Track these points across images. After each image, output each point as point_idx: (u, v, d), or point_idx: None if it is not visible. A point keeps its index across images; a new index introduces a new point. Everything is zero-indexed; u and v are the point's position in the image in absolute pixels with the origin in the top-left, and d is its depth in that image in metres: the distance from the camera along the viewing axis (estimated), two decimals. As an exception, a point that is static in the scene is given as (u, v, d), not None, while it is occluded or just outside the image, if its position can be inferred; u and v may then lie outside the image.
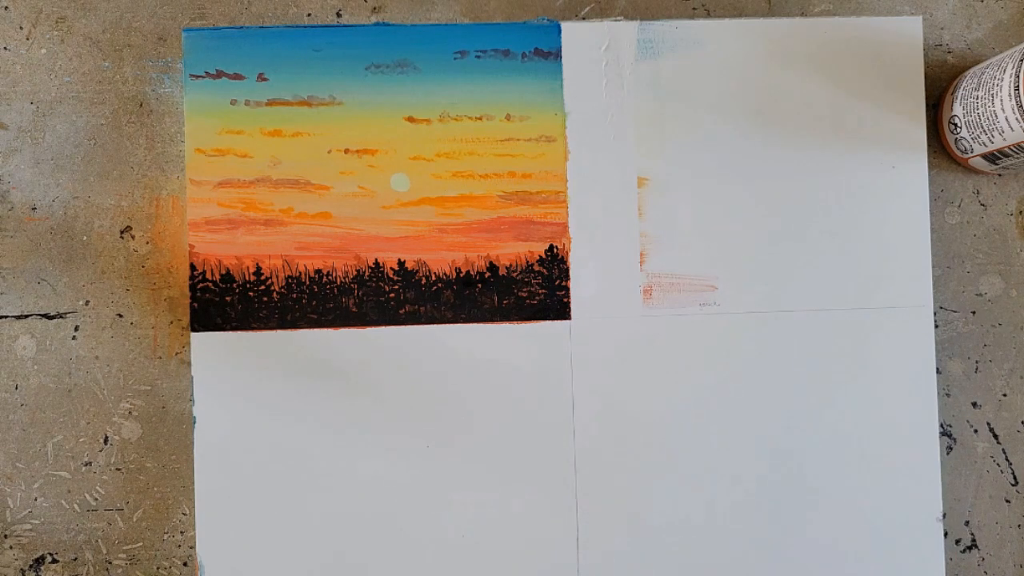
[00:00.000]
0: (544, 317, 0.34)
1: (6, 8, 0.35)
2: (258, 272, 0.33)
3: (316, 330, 0.33)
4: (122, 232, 0.35)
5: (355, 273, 0.34)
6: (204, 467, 0.33)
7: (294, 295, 0.33)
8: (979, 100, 0.32)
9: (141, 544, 0.34)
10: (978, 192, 0.36)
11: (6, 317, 0.35)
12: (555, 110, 0.34)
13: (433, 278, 0.34)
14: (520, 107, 0.34)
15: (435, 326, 0.34)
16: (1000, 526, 0.35)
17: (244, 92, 0.33)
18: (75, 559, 0.34)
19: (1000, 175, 0.36)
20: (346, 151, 0.34)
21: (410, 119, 0.34)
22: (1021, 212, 0.36)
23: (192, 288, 0.33)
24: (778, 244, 0.34)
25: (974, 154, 0.34)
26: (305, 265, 0.33)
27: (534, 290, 0.34)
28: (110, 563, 0.34)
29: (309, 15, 0.35)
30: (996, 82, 0.31)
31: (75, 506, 0.35)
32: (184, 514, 0.34)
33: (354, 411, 0.34)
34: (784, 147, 0.34)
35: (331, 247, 0.34)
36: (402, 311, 0.34)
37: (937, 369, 0.35)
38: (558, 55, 0.34)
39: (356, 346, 0.33)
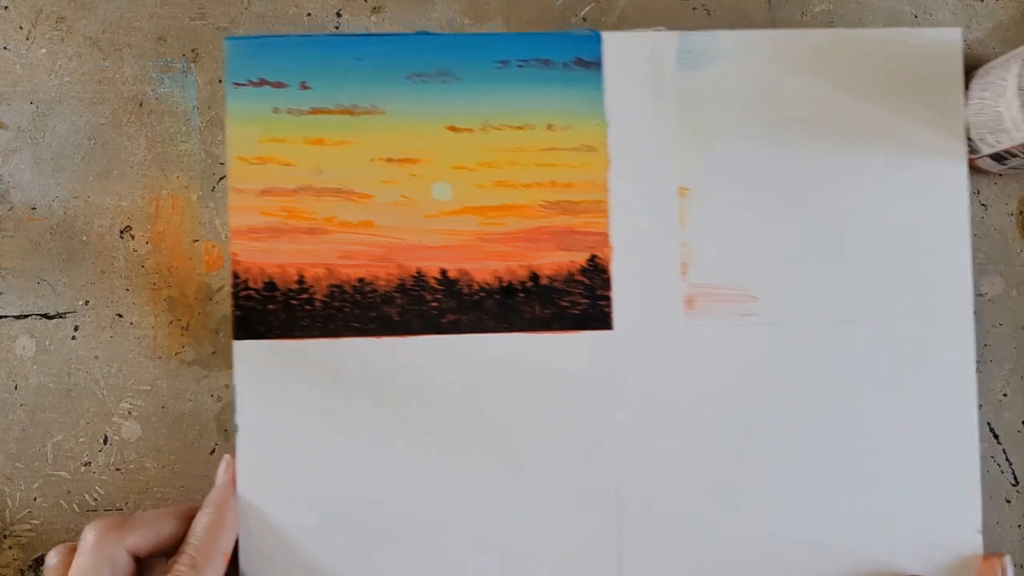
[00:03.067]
0: (586, 327, 0.34)
1: (6, 8, 0.35)
2: (300, 281, 0.33)
3: (359, 339, 0.33)
4: (122, 232, 0.35)
5: (397, 282, 0.34)
6: (246, 476, 0.33)
7: (336, 303, 0.33)
8: (984, 101, 0.32)
9: (141, 544, 0.34)
10: (978, 192, 0.36)
11: (6, 317, 0.35)
12: (596, 120, 0.34)
13: (475, 287, 0.34)
14: (562, 116, 0.34)
15: (477, 335, 0.34)
16: (1000, 526, 0.35)
17: (286, 100, 0.33)
18: (75, 559, 0.34)
19: (1001, 175, 0.36)
20: (388, 160, 0.34)
21: (452, 128, 0.34)
22: (1021, 212, 0.36)
23: (235, 296, 0.33)
24: (819, 254, 0.34)
25: (981, 154, 0.34)
26: (348, 274, 0.33)
27: (576, 300, 0.34)
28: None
29: (309, 15, 0.35)
30: (1001, 83, 0.31)
31: (75, 506, 0.35)
32: (184, 514, 0.34)
33: (396, 421, 0.33)
34: (825, 156, 0.34)
35: (374, 256, 0.34)
36: (444, 320, 0.34)
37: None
38: (599, 65, 0.34)
39: (398, 355, 0.33)
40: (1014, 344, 0.36)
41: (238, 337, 0.33)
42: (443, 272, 0.34)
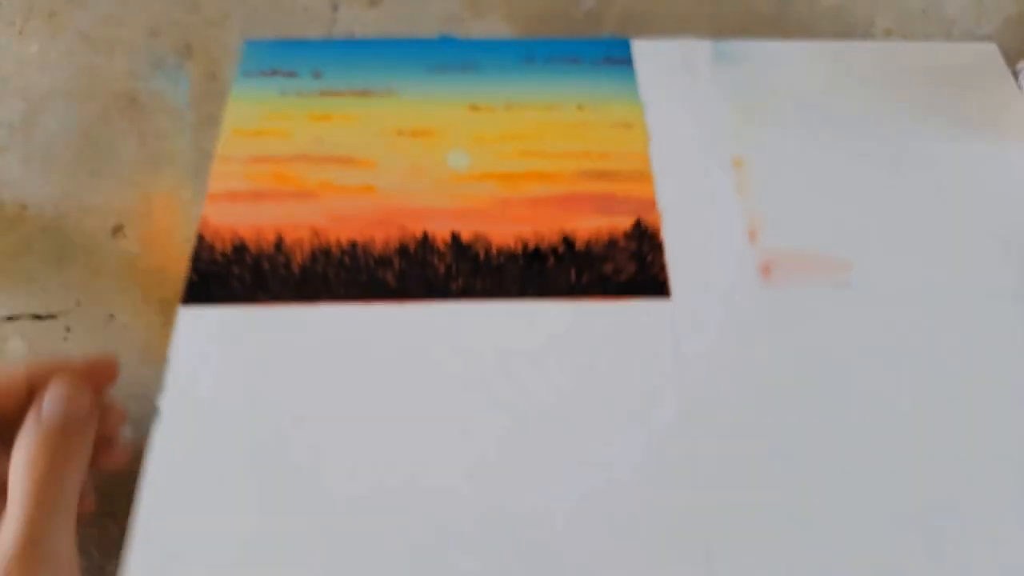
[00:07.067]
0: (637, 294, 0.27)
1: (-4, 2, 0.35)
2: (279, 244, 0.28)
3: (342, 304, 0.27)
4: (114, 231, 0.34)
5: (398, 245, 0.28)
6: (160, 465, 0.26)
7: (319, 268, 0.27)
8: None
9: (134, 550, 0.34)
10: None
11: (-4, 318, 0.34)
12: (631, 101, 0.32)
13: (495, 251, 0.28)
14: (593, 99, 0.32)
15: (495, 301, 0.27)
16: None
17: (296, 86, 0.31)
18: (66, 565, 0.34)
19: None
20: (399, 132, 0.31)
21: (473, 107, 0.31)
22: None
23: (194, 260, 0.28)
24: (910, 224, 0.30)
25: None
26: (338, 236, 0.28)
27: (621, 265, 0.28)
28: (103, 569, 0.34)
29: (305, 9, 0.35)
30: None
31: (66, 511, 0.34)
32: (178, 519, 0.34)
33: (385, 401, 0.25)
34: (890, 134, 0.32)
35: (372, 219, 0.28)
36: (453, 285, 0.27)
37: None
38: (629, 61, 0.33)
39: (391, 323, 0.26)
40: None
41: (187, 302, 0.27)
42: (455, 236, 0.28)
